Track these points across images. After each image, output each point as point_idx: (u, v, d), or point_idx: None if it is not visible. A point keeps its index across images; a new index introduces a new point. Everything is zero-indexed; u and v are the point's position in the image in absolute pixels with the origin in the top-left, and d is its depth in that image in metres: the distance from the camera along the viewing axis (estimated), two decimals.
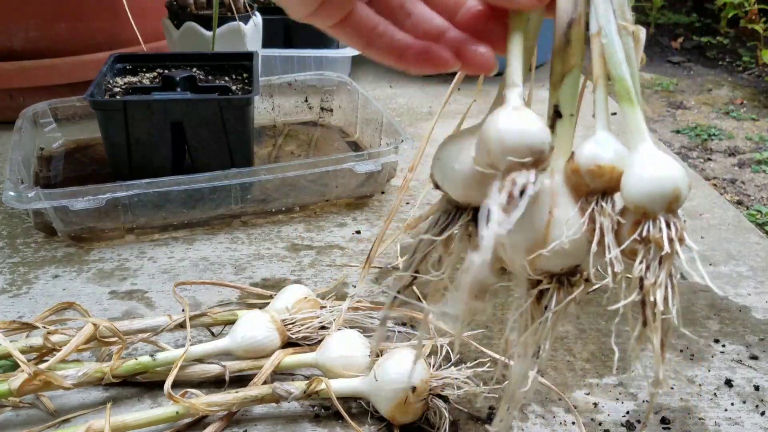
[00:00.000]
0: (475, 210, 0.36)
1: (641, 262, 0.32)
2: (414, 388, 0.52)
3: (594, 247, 0.33)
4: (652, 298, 0.32)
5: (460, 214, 0.36)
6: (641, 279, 0.32)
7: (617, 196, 0.34)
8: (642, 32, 0.36)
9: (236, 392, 0.53)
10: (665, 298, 0.33)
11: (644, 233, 0.32)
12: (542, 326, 0.35)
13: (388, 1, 0.36)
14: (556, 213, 0.34)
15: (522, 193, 0.31)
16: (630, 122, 0.34)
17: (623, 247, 0.33)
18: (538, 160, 0.32)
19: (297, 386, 0.53)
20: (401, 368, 0.53)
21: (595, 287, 0.35)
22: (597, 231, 0.33)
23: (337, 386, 0.54)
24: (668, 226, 0.32)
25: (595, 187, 0.34)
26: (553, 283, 0.35)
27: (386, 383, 0.52)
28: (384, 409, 0.53)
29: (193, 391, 0.54)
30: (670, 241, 0.32)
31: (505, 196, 0.31)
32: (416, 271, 0.37)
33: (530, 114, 0.33)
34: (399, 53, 0.36)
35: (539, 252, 0.34)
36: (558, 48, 0.36)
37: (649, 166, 0.32)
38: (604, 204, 0.34)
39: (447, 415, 0.52)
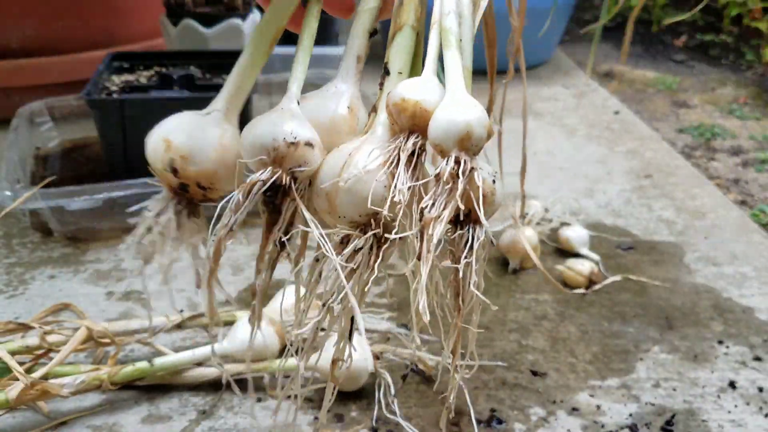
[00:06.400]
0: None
1: (430, 198, 0.32)
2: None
3: (385, 180, 0.32)
4: (429, 232, 0.32)
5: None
6: (422, 210, 0.32)
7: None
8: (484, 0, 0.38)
9: None
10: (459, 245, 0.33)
11: (438, 170, 0.32)
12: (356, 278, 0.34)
13: None
14: (354, 156, 0.34)
15: (249, 192, 0.33)
16: (447, 66, 0.35)
17: (419, 183, 0.33)
18: (276, 157, 0.33)
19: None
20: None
21: (400, 236, 0.33)
22: (394, 164, 0.33)
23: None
24: (457, 162, 0.32)
25: (402, 125, 0.34)
26: (356, 232, 0.34)
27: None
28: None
29: None
30: (453, 176, 0.32)
31: (237, 198, 0.34)
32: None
33: (272, 116, 0.34)
34: None
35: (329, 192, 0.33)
36: (395, 9, 0.37)
37: (450, 106, 0.32)
38: (407, 141, 0.33)
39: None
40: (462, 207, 0.32)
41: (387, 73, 0.36)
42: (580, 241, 0.77)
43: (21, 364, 0.54)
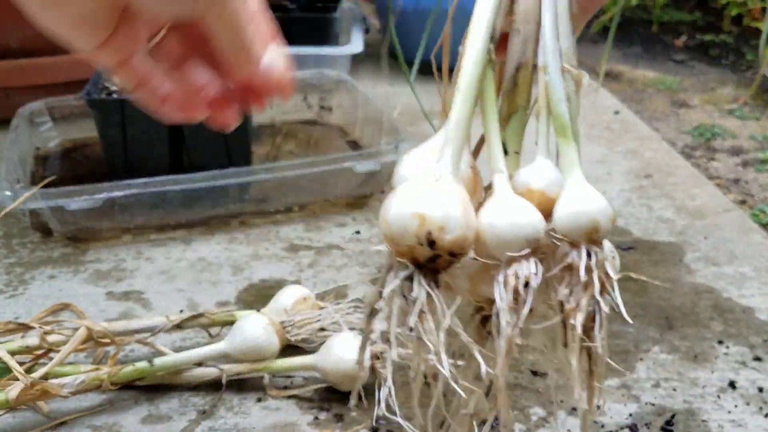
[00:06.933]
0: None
1: (566, 288, 0.35)
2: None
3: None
4: (572, 322, 0.34)
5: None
6: (561, 302, 0.35)
7: None
8: (585, 77, 0.39)
9: None
10: (588, 327, 0.35)
11: (569, 260, 0.34)
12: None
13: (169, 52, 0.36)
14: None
15: (526, 285, 0.34)
16: (564, 156, 0.36)
17: (554, 272, 0.35)
18: (535, 249, 0.34)
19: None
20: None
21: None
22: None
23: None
24: (588, 255, 0.34)
25: None
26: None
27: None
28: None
29: None
30: (588, 269, 0.34)
31: (511, 294, 0.34)
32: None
33: (520, 203, 0.35)
34: (162, 99, 0.36)
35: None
36: (507, 90, 0.38)
37: (574, 199, 0.34)
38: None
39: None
40: (605, 308, 0.34)
41: (505, 152, 0.38)
42: None
43: (21, 364, 0.54)
